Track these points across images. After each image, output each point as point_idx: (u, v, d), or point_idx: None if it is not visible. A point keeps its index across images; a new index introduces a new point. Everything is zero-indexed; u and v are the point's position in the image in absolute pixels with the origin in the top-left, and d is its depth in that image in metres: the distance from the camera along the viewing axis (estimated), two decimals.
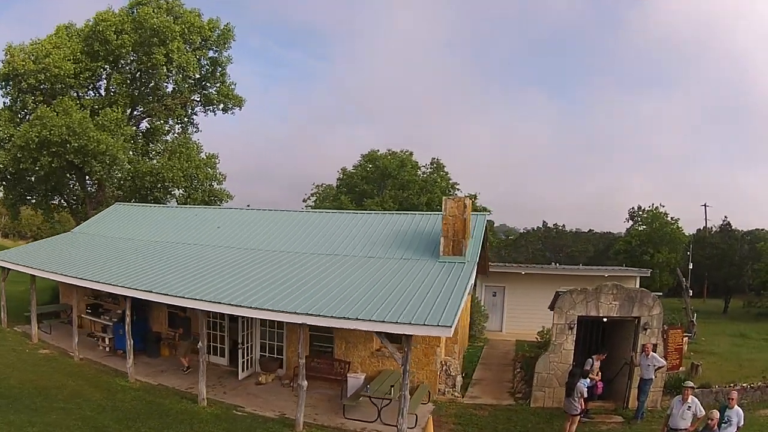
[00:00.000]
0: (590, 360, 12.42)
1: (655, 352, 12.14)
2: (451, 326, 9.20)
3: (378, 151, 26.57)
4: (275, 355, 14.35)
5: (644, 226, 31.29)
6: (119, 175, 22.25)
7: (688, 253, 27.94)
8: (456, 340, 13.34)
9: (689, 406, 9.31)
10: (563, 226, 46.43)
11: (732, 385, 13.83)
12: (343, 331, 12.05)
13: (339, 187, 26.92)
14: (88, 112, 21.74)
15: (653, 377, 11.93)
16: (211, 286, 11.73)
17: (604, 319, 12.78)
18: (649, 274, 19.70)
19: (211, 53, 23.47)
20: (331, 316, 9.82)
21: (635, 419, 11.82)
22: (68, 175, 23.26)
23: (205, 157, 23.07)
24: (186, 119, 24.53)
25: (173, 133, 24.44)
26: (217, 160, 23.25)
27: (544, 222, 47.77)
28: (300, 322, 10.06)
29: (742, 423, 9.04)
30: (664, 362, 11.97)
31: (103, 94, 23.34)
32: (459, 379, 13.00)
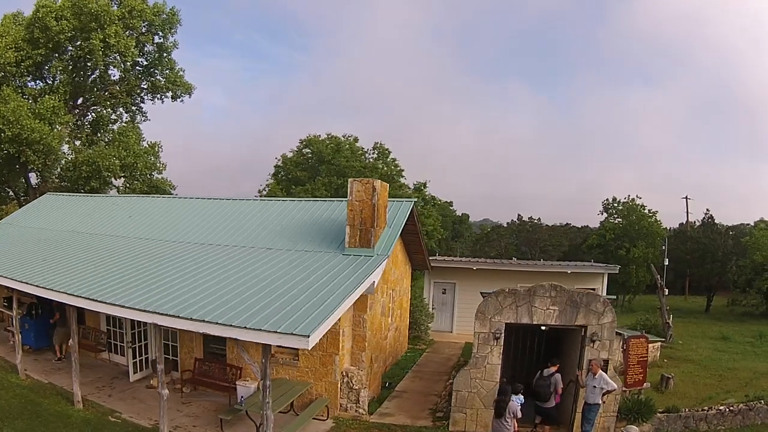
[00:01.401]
0: (537, 376, 9.13)
1: (606, 370, 8.67)
2: (308, 336, 6.49)
3: (319, 136, 23.38)
4: (169, 356, 11.36)
5: (619, 219, 27.31)
6: (61, 164, 19.38)
7: (663, 247, 24.02)
8: (364, 347, 9.98)
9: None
10: (539, 219, 42.30)
11: (707, 409, 10.24)
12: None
13: (275, 175, 23.71)
14: (29, 101, 18.92)
15: (600, 402, 8.47)
16: (77, 278, 9.46)
17: (543, 328, 9.31)
18: (617, 271, 16.02)
19: (157, 39, 20.51)
20: (179, 317, 7.29)
21: None
22: (17, 167, 20.51)
23: (147, 146, 20.13)
24: (134, 108, 21.62)
25: (120, 122, 21.57)
26: (159, 149, 20.32)
27: (519, 215, 43.63)
28: (150, 321, 7.66)
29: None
30: (615, 386, 8.46)
31: (50, 82, 20.50)
32: (363, 393, 9.64)
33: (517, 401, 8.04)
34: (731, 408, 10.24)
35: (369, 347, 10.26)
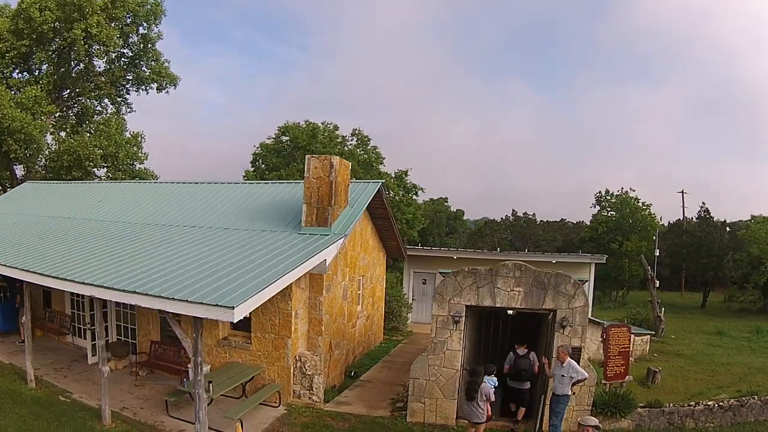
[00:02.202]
0: (511, 355, 8.09)
1: (579, 360, 7.56)
2: (233, 308, 5.84)
3: (298, 123, 22.36)
4: (129, 339, 10.68)
5: (613, 213, 25.91)
6: (45, 155, 18.72)
7: (654, 237, 22.58)
8: (320, 331, 8.98)
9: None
10: (533, 215, 40.77)
11: (694, 404, 9.05)
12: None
13: (253, 162, 22.76)
14: (12, 92, 18.30)
15: (570, 393, 7.36)
16: (35, 255, 9.10)
17: (509, 312, 8.24)
18: (604, 260, 14.82)
19: (141, 30, 19.83)
20: (113, 288, 6.81)
21: None
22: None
23: (129, 136, 19.38)
24: (119, 99, 20.93)
25: (105, 114, 20.87)
26: (142, 140, 19.57)
27: (513, 210, 42.12)
28: (88, 293, 7.26)
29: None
30: (586, 374, 7.34)
31: (36, 74, 19.89)
32: (317, 379, 8.63)
33: (490, 383, 7.13)
34: (721, 404, 9.04)
35: (327, 332, 9.26)
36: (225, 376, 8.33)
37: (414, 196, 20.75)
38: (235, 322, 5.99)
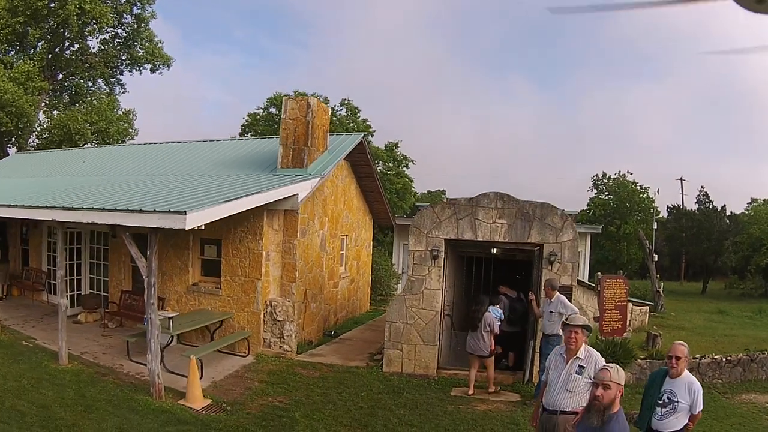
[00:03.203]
0: (505, 300, 7.44)
1: (569, 299, 6.70)
2: (184, 213, 5.33)
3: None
4: (101, 292, 10.00)
5: (610, 196, 24.95)
6: (36, 131, 18.23)
7: (652, 210, 21.52)
8: (294, 277, 8.18)
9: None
10: None
11: (699, 357, 8.13)
12: (160, 261, 8.10)
13: (242, 132, 22.09)
14: (4, 66, 17.87)
15: (559, 333, 6.47)
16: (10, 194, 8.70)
17: (493, 251, 7.43)
18: (600, 230, 13.91)
19: (136, 9, 19.43)
20: (70, 208, 6.42)
21: (536, 398, 6.38)
22: None
23: (121, 113, 18.87)
24: (112, 80, 20.51)
25: (99, 93, 20.40)
26: (134, 117, 19.07)
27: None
28: (49, 218, 6.74)
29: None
30: (576, 309, 6.44)
31: (31, 53, 19.50)
32: (289, 327, 7.82)
33: (495, 313, 6.54)
34: (729, 357, 8.14)
35: (302, 280, 8.48)
36: (189, 319, 7.60)
37: (405, 168, 20.05)
38: (187, 228, 5.39)
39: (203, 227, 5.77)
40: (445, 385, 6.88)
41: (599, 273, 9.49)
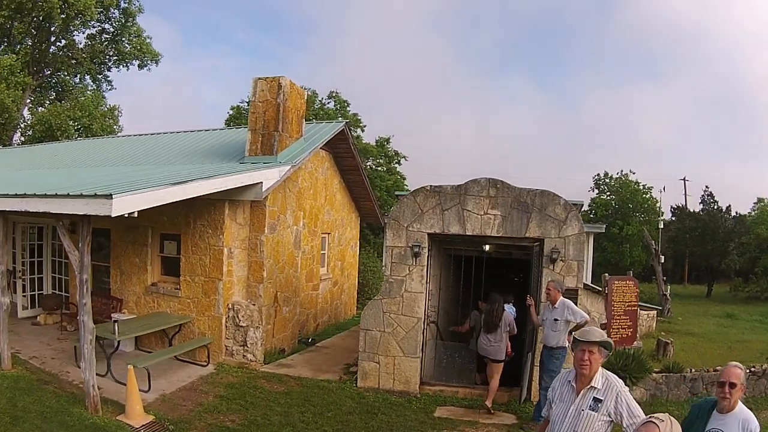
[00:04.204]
0: (475, 312, 6.48)
1: (575, 302, 5.56)
2: (110, 196, 4.42)
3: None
4: (63, 293, 8.98)
5: (612, 196, 23.73)
6: (20, 127, 17.32)
7: (658, 206, 20.29)
8: (261, 277, 7.10)
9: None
10: None
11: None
12: (119, 260, 7.56)
13: (227, 124, 21.09)
14: None
15: (566, 345, 5.33)
16: None
17: (486, 247, 6.33)
18: (604, 230, 12.78)
19: (123, 3, 18.55)
20: (5, 195, 5.37)
21: (534, 420, 5.24)
22: None
23: (106, 110, 17.95)
24: (99, 75, 19.58)
25: (85, 89, 19.50)
26: (119, 114, 18.16)
27: None
28: None
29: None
30: (586, 316, 5.31)
31: (17, 48, 18.63)
32: (253, 334, 6.72)
33: (511, 312, 5.92)
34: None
35: (272, 281, 7.38)
36: (143, 323, 6.54)
37: (396, 165, 18.96)
38: (113, 215, 4.39)
39: (136, 214, 4.72)
40: (428, 403, 5.77)
41: (606, 274, 8.40)
